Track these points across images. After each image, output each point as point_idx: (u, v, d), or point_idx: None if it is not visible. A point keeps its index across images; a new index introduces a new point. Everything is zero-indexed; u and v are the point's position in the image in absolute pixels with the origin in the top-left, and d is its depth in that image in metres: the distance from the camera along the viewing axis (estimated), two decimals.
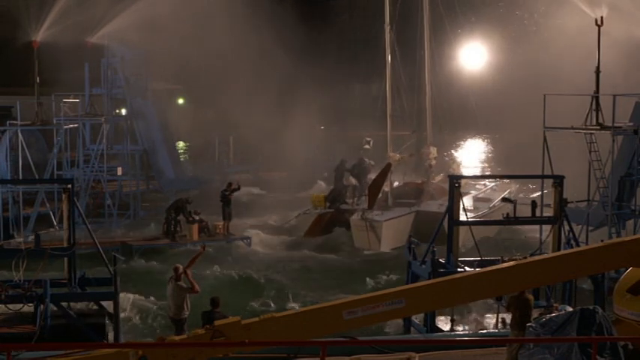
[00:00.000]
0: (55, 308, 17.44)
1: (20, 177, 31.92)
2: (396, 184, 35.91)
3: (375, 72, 36.90)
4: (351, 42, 68.29)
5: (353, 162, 36.29)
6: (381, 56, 35.88)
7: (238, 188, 32.99)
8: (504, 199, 25.74)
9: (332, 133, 54.58)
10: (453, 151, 53.10)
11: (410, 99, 37.03)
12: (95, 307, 18.65)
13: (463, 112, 40.63)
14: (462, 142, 65.59)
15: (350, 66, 57.75)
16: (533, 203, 20.48)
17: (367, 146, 38.00)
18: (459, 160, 42.78)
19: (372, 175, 34.82)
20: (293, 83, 47.41)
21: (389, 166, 33.90)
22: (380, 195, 33.43)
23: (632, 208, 27.27)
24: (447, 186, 34.15)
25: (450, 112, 38.03)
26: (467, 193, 31.77)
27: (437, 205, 32.22)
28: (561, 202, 19.94)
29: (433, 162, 36.57)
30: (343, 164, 35.99)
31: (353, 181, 35.83)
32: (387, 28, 35.14)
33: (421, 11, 36.10)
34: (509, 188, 37.69)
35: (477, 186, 38.21)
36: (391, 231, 31.53)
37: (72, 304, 18.16)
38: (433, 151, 36.64)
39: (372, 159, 36.77)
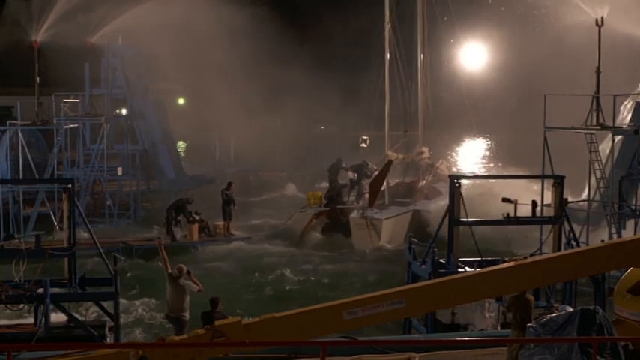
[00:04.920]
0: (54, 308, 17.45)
1: (20, 177, 31.92)
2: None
3: (374, 72, 36.79)
4: (350, 41, 68.16)
5: (353, 162, 36.21)
6: (379, 56, 35.84)
7: (233, 200, 32.87)
8: (504, 200, 25.67)
9: (332, 133, 54.54)
10: (446, 151, 52.97)
11: (406, 99, 37.00)
12: (95, 317, 18.66)
13: (459, 112, 40.57)
14: (458, 143, 65.40)
15: (349, 65, 57.69)
16: (534, 203, 20.45)
17: (364, 145, 37.92)
18: (448, 159, 42.79)
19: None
20: (293, 83, 47.37)
21: (390, 163, 33.90)
22: None
23: (632, 208, 27.27)
24: (438, 186, 34.52)
25: (445, 112, 38.01)
26: None
27: (432, 205, 32.40)
28: (561, 202, 19.91)
29: (427, 162, 36.68)
30: (339, 163, 35.93)
31: (350, 174, 35.68)
32: (387, 27, 35.11)
33: (419, 10, 36.12)
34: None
35: None
36: (390, 229, 31.59)
37: (72, 314, 18.14)
38: (425, 151, 36.72)
39: (368, 158, 36.65)
